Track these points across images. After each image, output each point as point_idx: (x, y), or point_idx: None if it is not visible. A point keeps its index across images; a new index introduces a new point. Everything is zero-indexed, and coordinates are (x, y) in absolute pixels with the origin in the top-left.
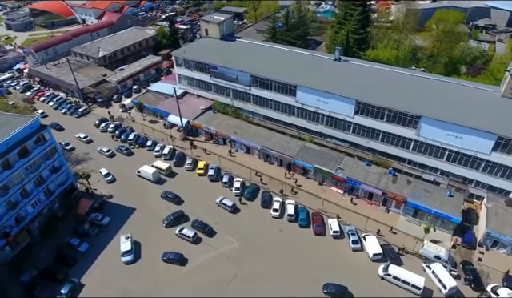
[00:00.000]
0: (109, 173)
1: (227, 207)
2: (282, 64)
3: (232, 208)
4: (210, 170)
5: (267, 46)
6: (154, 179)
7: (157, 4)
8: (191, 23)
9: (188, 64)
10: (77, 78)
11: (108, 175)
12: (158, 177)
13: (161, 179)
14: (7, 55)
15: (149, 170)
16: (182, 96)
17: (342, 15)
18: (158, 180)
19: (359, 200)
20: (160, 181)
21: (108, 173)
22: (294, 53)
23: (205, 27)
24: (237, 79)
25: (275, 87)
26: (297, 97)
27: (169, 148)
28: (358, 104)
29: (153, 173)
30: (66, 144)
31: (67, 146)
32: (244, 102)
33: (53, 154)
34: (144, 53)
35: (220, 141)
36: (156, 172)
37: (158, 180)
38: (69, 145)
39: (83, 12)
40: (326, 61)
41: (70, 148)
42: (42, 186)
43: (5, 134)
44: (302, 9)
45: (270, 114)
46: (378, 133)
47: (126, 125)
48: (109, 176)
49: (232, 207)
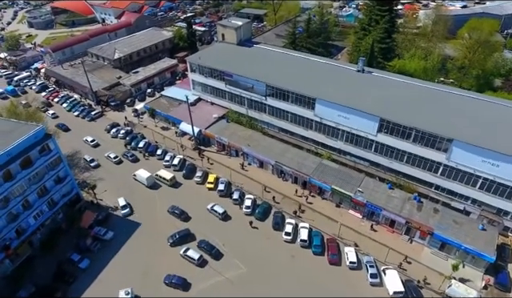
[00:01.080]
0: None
1: (218, 214)
2: (300, 74)
3: (222, 215)
4: (221, 184)
5: (286, 53)
6: (148, 184)
7: (176, 4)
8: (210, 25)
9: (202, 70)
10: (91, 80)
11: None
12: (153, 182)
13: (156, 185)
14: (26, 54)
15: (144, 174)
16: (196, 103)
17: (366, 21)
18: (153, 185)
19: (379, 226)
20: (155, 186)
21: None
22: (314, 62)
23: (221, 32)
24: (252, 88)
25: (293, 99)
26: (315, 110)
27: (179, 158)
28: (382, 122)
29: (147, 178)
30: (90, 160)
31: (92, 162)
32: (259, 113)
33: (57, 164)
34: (160, 55)
35: (232, 153)
36: (151, 177)
37: (152, 185)
38: (94, 161)
39: (103, 11)
40: (347, 72)
41: (94, 165)
42: (46, 197)
43: (8, 144)
44: (324, 12)
45: (285, 127)
46: (402, 154)
47: (137, 131)
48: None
49: (223, 215)
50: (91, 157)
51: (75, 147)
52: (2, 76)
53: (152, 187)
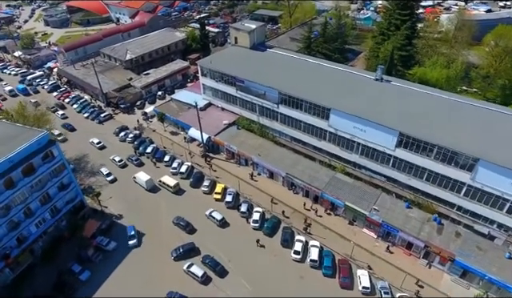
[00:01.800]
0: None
1: (215, 220)
2: (315, 81)
3: (220, 222)
4: (228, 196)
5: (300, 58)
6: (147, 187)
7: (191, 4)
8: (224, 26)
9: (213, 75)
10: (102, 81)
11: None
12: (152, 186)
13: (155, 188)
14: (40, 53)
15: (143, 177)
16: (206, 107)
17: (385, 25)
18: (152, 189)
19: (395, 248)
20: (154, 189)
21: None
22: (330, 68)
23: (234, 35)
24: (264, 95)
25: (306, 108)
26: (330, 121)
27: (187, 166)
28: (402, 136)
29: (146, 181)
30: (107, 174)
31: (108, 176)
32: (270, 121)
33: (61, 170)
34: (172, 56)
35: (242, 161)
36: (150, 180)
37: (151, 189)
38: (110, 176)
39: (118, 11)
40: (365, 80)
41: (111, 179)
42: (49, 204)
43: (11, 150)
44: (341, 15)
45: (298, 136)
46: (422, 171)
47: (146, 135)
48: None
49: (221, 221)
50: (108, 170)
51: (82, 150)
52: (18, 74)
53: (151, 191)
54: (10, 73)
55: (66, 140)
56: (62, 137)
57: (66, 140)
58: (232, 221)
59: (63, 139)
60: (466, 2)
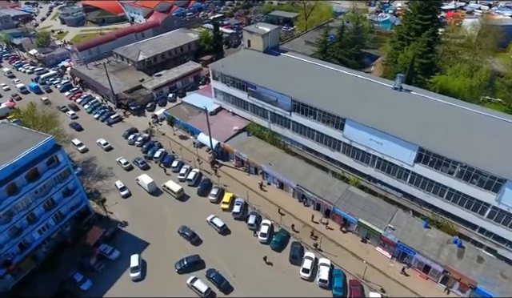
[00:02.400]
0: (124, 186)
1: (216, 227)
2: (330, 89)
3: (221, 229)
4: (236, 206)
5: (315, 63)
6: (149, 190)
7: (205, 4)
8: (238, 27)
9: (225, 79)
10: (114, 82)
11: (124, 188)
12: (155, 188)
13: (157, 191)
14: (54, 51)
15: (146, 180)
16: (216, 112)
17: (404, 29)
18: (154, 192)
19: (411, 269)
20: (156, 193)
21: (123, 186)
22: (346, 75)
23: (248, 38)
24: (276, 102)
25: (320, 117)
26: (344, 132)
27: (194, 173)
28: (421, 151)
29: (149, 184)
30: (121, 188)
31: (123, 190)
32: (282, 128)
33: (66, 176)
34: (185, 58)
35: (251, 170)
36: (153, 183)
37: (154, 192)
38: (125, 190)
39: (132, 10)
40: (383, 89)
41: (125, 194)
42: (53, 210)
43: (15, 154)
44: (359, 17)
45: (310, 146)
46: (443, 189)
47: (155, 139)
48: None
49: (221, 228)
50: (122, 184)
51: (90, 152)
52: (32, 72)
53: (154, 194)
54: (24, 71)
55: (86, 152)
56: (81, 148)
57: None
58: (239, 233)
59: None
60: (489, 6)
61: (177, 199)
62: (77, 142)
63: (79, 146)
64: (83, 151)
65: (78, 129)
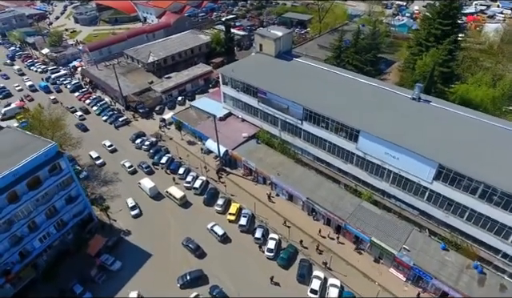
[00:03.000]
0: (135, 206)
1: (217, 235)
2: (344, 97)
3: (222, 237)
4: (243, 218)
5: (328, 70)
6: (150, 194)
7: (218, 5)
8: (250, 29)
9: (235, 84)
10: (123, 84)
11: (134, 207)
12: (156, 193)
13: (159, 196)
14: (66, 51)
15: (148, 184)
16: (226, 117)
17: (423, 35)
18: (156, 196)
19: (427, 294)
20: (157, 197)
21: (134, 205)
22: (361, 83)
23: (259, 42)
24: (287, 110)
25: (332, 127)
26: (358, 144)
27: (201, 181)
28: (441, 168)
29: (150, 188)
30: (132, 207)
31: (133, 210)
32: (293, 137)
33: (69, 183)
34: (196, 60)
35: (260, 179)
36: (154, 188)
37: (155, 196)
38: (135, 209)
39: (145, 10)
40: (400, 99)
41: (135, 213)
42: (55, 218)
43: (17, 161)
44: (376, 21)
45: (322, 156)
46: (463, 209)
47: (162, 143)
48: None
49: (222, 237)
50: (133, 203)
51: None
52: (43, 72)
53: (155, 198)
54: (36, 70)
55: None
56: (99, 162)
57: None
58: (245, 247)
59: None
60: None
61: (179, 205)
62: (94, 154)
63: (97, 160)
64: (101, 164)
65: (83, 130)
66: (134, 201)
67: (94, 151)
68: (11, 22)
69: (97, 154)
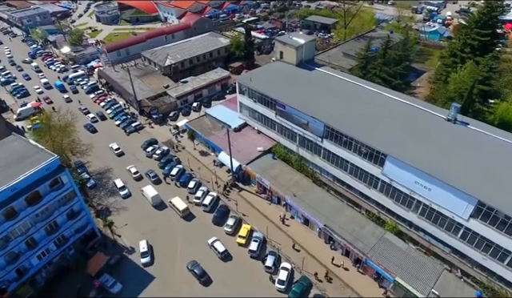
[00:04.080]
0: None
1: (217, 252)
2: (369, 115)
3: (222, 255)
4: (253, 242)
5: (353, 82)
6: (153, 203)
7: (240, 6)
8: (271, 32)
9: (252, 94)
10: (139, 87)
11: None
12: (159, 202)
13: (162, 205)
14: (85, 50)
15: (150, 192)
16: (241, 128)
17: (458, 45)
18: (158, 206)
19: None
20: (160, 206)
21: None
22: (389, 99)
23: (280, 49)
24: (307, 126)
25: (356, 148)
26: (384, 169)
27: (211, 197)
28: (481, 206)
29: (153, 196)
30: (142, 253)
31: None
32: (312, 154)
33: (71, 198)
34: (214, 64)
35: (274, 199)
36: (157, 196)
37: (158, 205)
38: (124, 189)
39: (166, 10)
40: (433, 119)
41: (125, 194)
42: (55, 234)
43: (16, 175)
44: (406, 27)
45: (342, 177)
46: (505, 253)
47: (174, 152)
48: None
49: (223, 254)
50: (144, 247)
51: (106, 163)
52: (62, 71)
53: (157, 208)
54: (55, 69)
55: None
56: (123, 193)
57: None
58: (254, 275)
59: None
60: None
61: (181, 217)
62: (119, 183)
63: (121, 190)
64: (125, 196)
65: (92, 131)
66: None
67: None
68: (35, 19)
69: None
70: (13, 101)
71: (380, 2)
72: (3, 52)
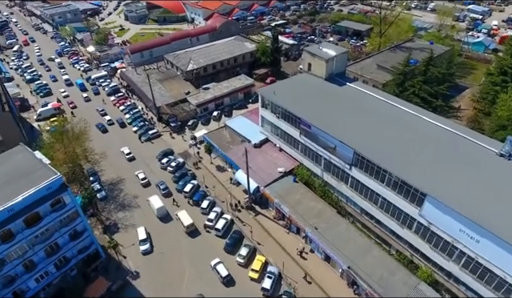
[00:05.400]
0: (146, 239)
1: (219, 275)
2: (407, 143)
3: (225, 279)
4: (267, 279)
5: (390, 103)
6: (158, 214)
7: (269, 9)
8: (300, 37)
9: (275, 109)
10: (159, 92)
11: (144, 241)
12: (164, 214)
13: (167, 217)
14: (110, 50)
15: (156, 203)
16: (261, 145)
17: (509, 61)
18: (164, 218)
19: None
20: (166, 218)
21: (145, 239)
22: (430, 125)
23: (308, 61)
24: (334, 150)
25: (389, 181)
26: (423, 210)
27: (225, 221)
28: None
29: (158, 208)
30: (142, 240)
31: (143, 244)
32: (338, 181)
33: (74, 218)
34: (238, 70)
35: (292, 228)
36: (163, 208)
37: (163, 217)
38: (146, 243)
39: (193, 11)
40: (484, 153)
41: (145, 249)
42: (56, 255)
43: (15, 193)
44: (445, 36)
45: (371, 211)
46: None
47: (190, 165)
48: (145, 244)
49: (225, 279)
50: (144, 235)
51: (119, 172)
52: (86, 71)
53: (162, 220)
54: (79, 68)
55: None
56: None
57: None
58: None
59: None
60: None
61: (186, 233)
62: (141, 234)
63: (142, 244)
64: (145, 252)
65: (103, 131)
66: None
67: None
68: (66, 17)
69: None
70: (35, 100)
71: (418, 7)
72: (33, 49)
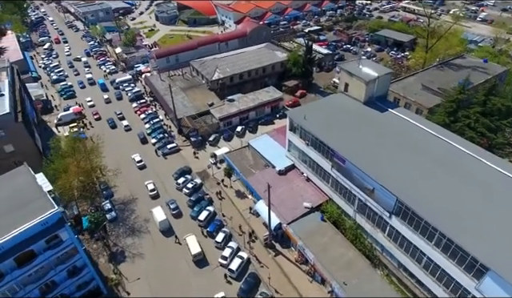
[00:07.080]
0: None
1: None
2: (464, 195)
3: None
4: None
5: (440, 137)
6: (160, 227)
7: (303, 14)
8: (335, 45)
9: (305, 135)
10: (181, 102)
11: None
12: (167, 227)
13: (169, 231)
14: (137, 53)
15: (159, 216)
16: (287, 171)
17: None
18: (166, 231)
19: None
20: (168, 232)
21: None
22: (494, 172)
23: (345, 81)
24: (372, 193)
25: (440, 242)
26: (482, 284)
27: (241, 260)
28: None
29: (160, 221)
30: None
31: None
32: (374, 227)
33: (72, 255)
34: (266, 80)
35: (317, 277)
36: (166, 221)
37: (165, 231)
38: None
39: (224, 13)
40: None
41: None
42: (52, 293)
43: (7, 228)
44: (499, 51)
45: (411, 269)
46: None
47: (207, 189)
48: None
49: None
50: None
51: (133, 189)
52: (111, 73)
53: (164, 233)
54: (105, 70)
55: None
56: None
57: None
58: None
59: None
60: None
61: (192, 261)
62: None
63: None
64: None
65: (112, 127)
66: None
67: None
68: (98, 15)
69: None
70: (58, 101)
71: (467, 16)
72: (63, 48)
